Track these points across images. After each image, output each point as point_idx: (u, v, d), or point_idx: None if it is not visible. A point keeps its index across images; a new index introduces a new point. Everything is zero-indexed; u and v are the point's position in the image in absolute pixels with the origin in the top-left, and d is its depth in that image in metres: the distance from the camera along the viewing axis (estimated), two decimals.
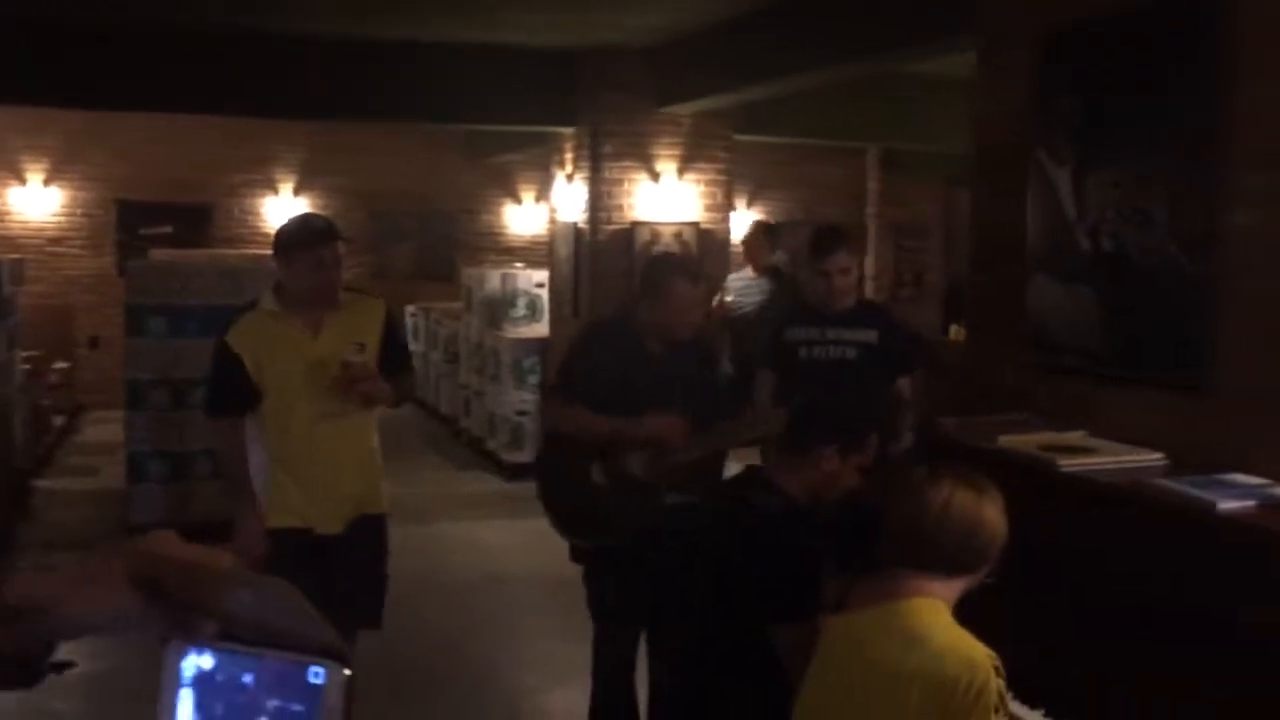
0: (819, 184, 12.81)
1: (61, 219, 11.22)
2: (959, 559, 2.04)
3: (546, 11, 6.56)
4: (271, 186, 11.74)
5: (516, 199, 12.53)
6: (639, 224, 7.69)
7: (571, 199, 8.15)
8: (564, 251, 8.31)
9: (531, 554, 4.06)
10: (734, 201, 10.84)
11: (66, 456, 8.97)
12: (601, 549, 3.54)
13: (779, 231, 7.59)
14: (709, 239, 7.92)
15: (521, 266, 10.08)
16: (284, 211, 11.26)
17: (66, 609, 0.90)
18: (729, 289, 6.98)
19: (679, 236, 7.75)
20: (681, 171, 7.81)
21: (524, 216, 12.51)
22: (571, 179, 8.16)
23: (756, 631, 2.52)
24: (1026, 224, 3.34)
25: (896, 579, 2.04)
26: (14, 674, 0.91)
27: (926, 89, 7.60)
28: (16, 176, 11.04)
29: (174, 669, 0.87)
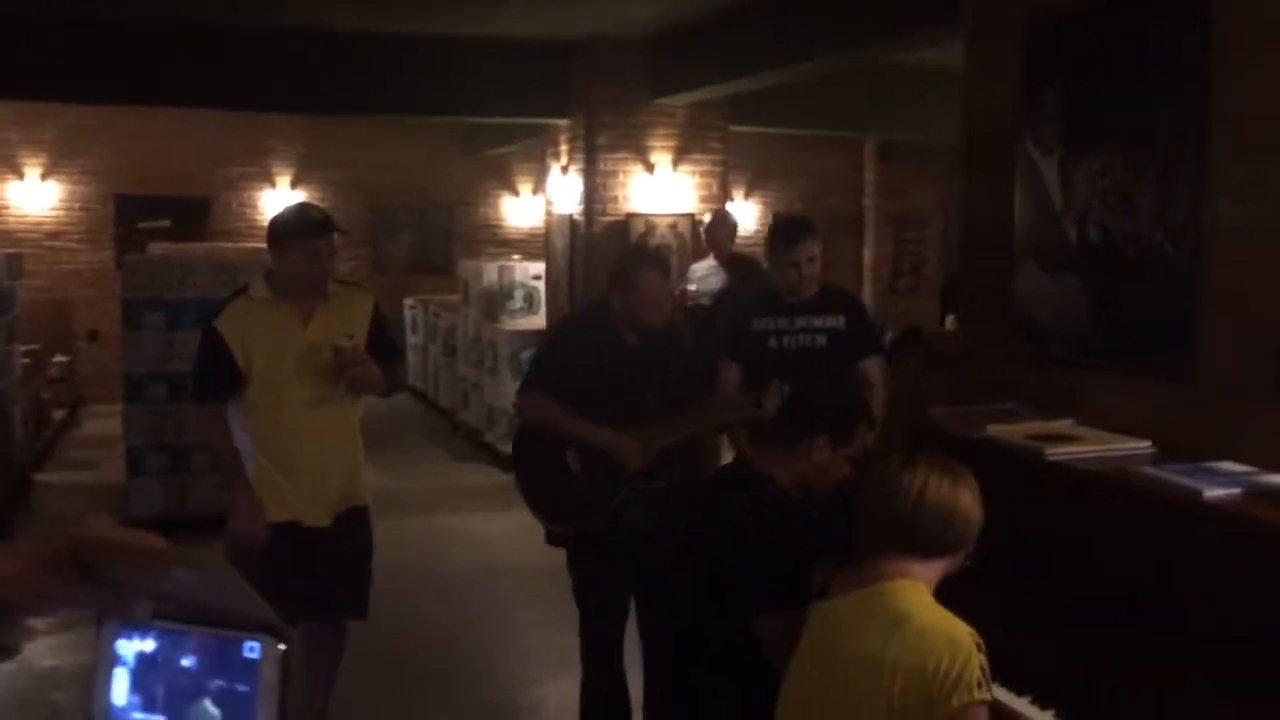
0: (817, 175, 12.80)
1: (60, 213, 11.23)
2: (937, 541, 2.08)
3: (541, 4, 6.56)
4: (269, 180, 11.75)
5: (513, 191, 12.53)
6: (634, 215, 7.69)
7: (567, 191, 8.16)
8: (560, 244, 8.32)
9: (529, 545, 4.07)
10: (731, 192, 10.84)
11: (66, 450, 8.99)
12: (579, 533, 3.60)
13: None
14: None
15: (518, 259, 10.08)
16: (282, 205, 11.26)
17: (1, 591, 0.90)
18: (691, 278, 6.93)
19: (674, 228, 7.75)
20: (676, 163, 7.81)
21: (521, 209, 12.51)
22: (566, 171, 8.16)
23: (744, 620, 2.54)
24: (1014, 214, 3.35)
25: (876, 564, 2.07)
26: None
27: (924, 79, 7.59)
28: (14, 171, 11.05)
29: (108, 649, 0.88)
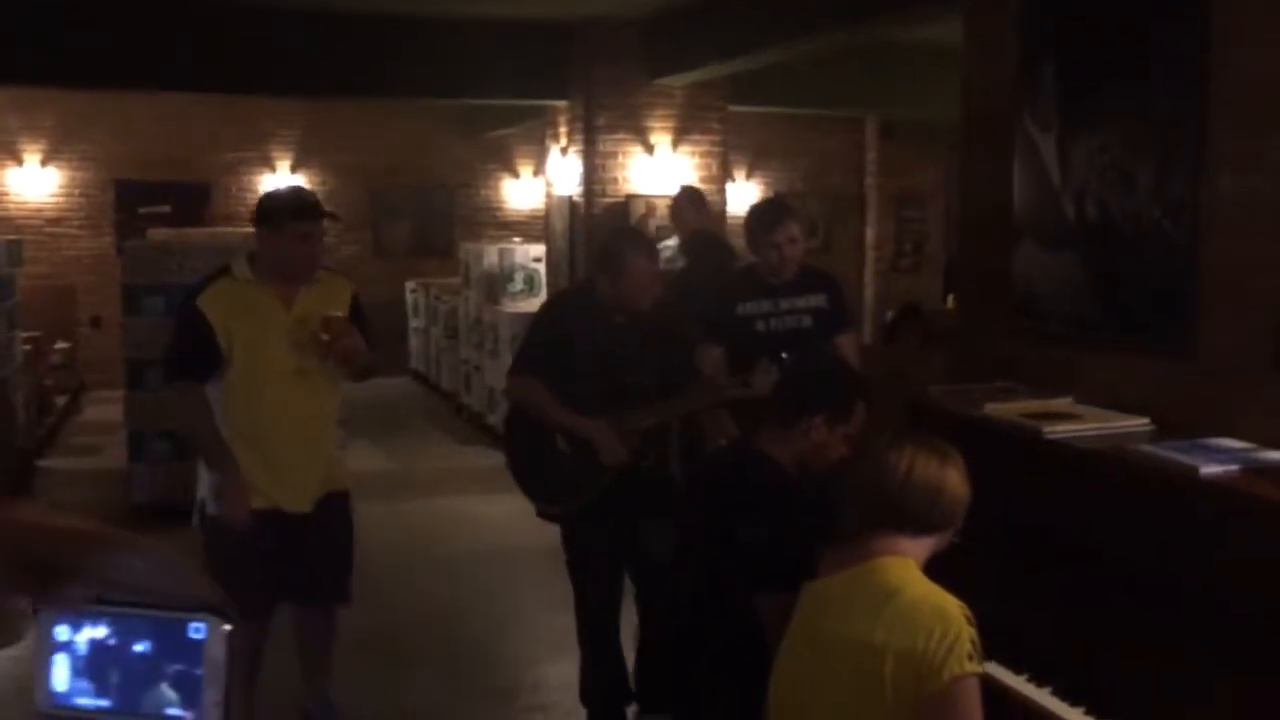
0: (818, 154, 12.74)
1: (60, 199, 11.22)
2: (925, 519, 2.08)
3: None
4: (269, 164, 11.71)
5: (514, 173, 12.50)
6: (634, 196, 7.67)
7: (567, 172, 8.13)
8: (560, 225, 8.30)
9: (531, 527, 4.07)
10: (732, 172, 10.80)
11: (69, 436, 9.00)
12: (568, 517, 3.62)
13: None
14: None
15: (519, 241, 10.06)
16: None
17: None
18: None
19: None
20: (676, 143, 7.78)
21: (521, 191, 12.47)
22: (566, 152, 8.14)
23: (744, 601, 2.55)
24: (1013, 191, 3.34)
25: (866, 542, 2.07)
26: None
27: (925, 56, 7.54)
28: (14, 157, 11.03)
29: (46, 637, 0.87)
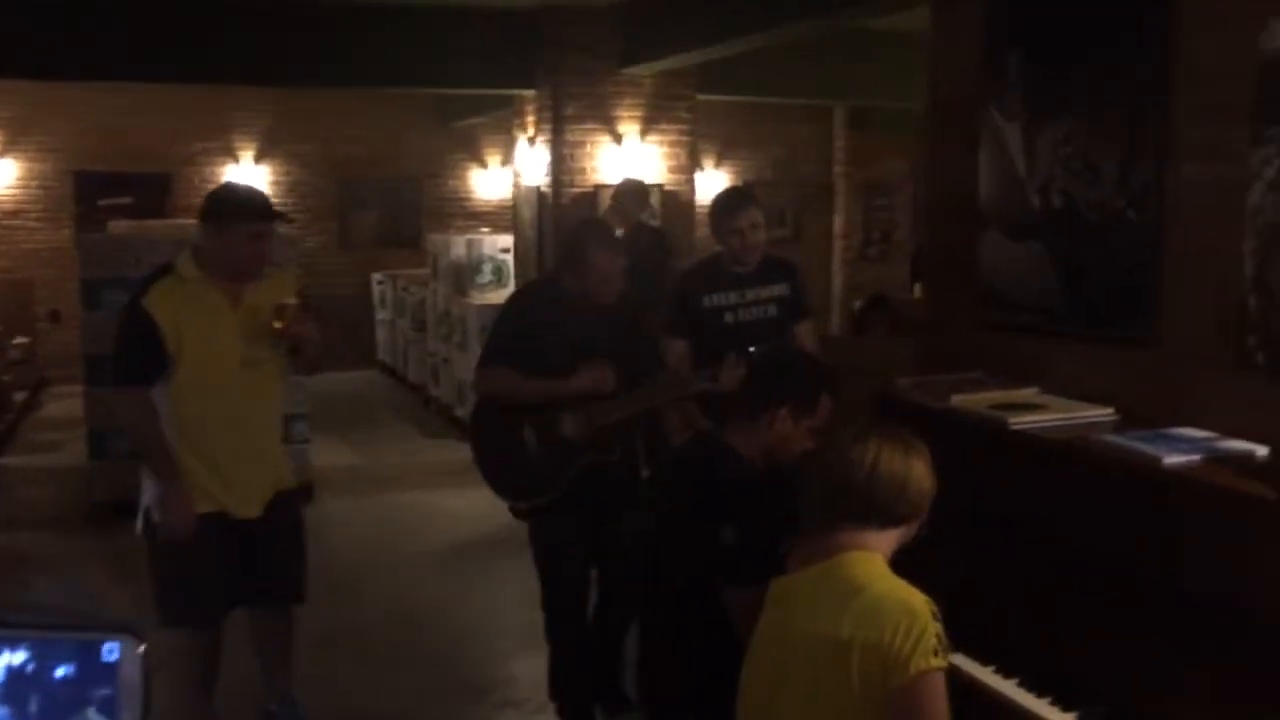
0: (787, 143, 12.73)
1: (17, 192, 11.02)
2: (892, 512, 2.07)
3: None
4: (232, 155, 11.56)
5: (482, 163, 12.41)
6: (602, 187, 7.61)
7: (534, 162, 8.07)
8: (528, 215, 8.24)
9: (501, 521, 4.05)
10: (700, 162, 10.77)
11: (28, 433, 8.85)
12: (537, 510, 3.60)
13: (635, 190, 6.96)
14: (673, 200, 7.87)
15: (487, 231, 9.98)
16: (246, 180, 11.11)
17: None
18: None
19: None
20: (644, 133, 7.74)
21: (489, 181, 12.38)
22: (534, 142, 8.07)
23: (713, 596, 2.53)
24: (979, 181, 3.32)
25: (832, 536, 2.06)
26: None
27: (893, 44, 7.53)
28: None
29: None
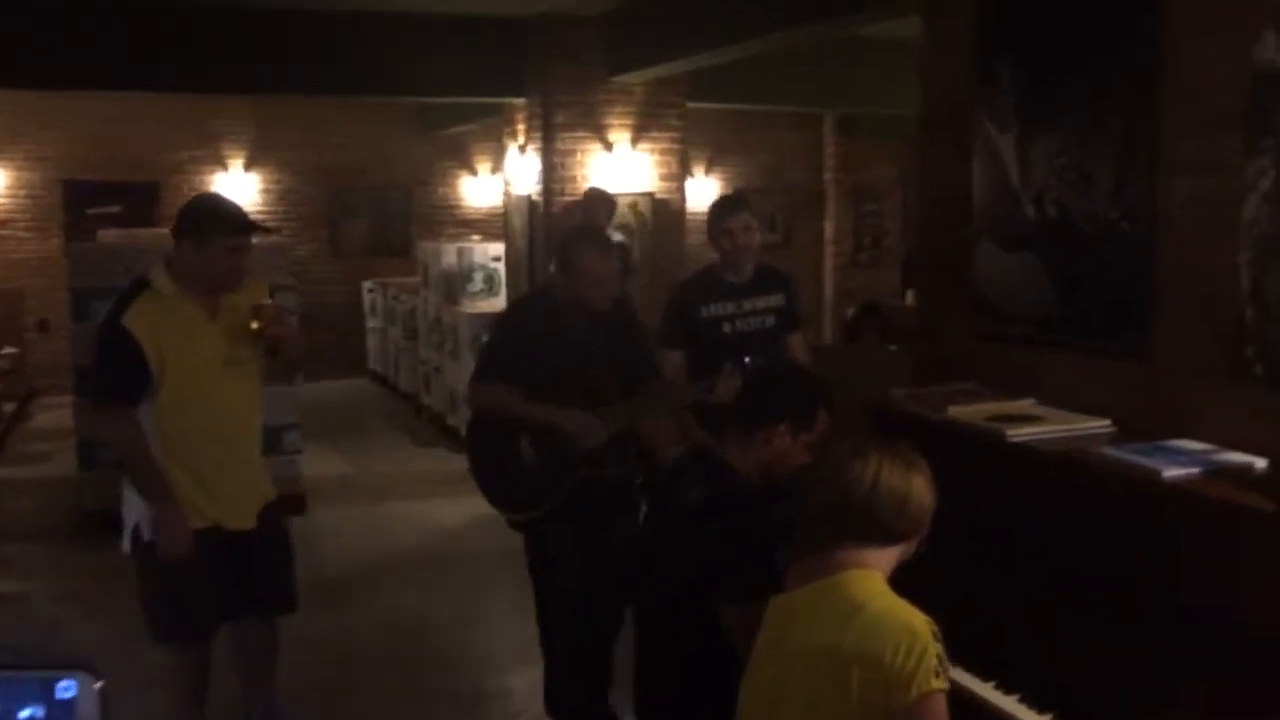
0: (777, 149, 12.74)
1: (6, 201, 10.96)
2: (893, 529, 2.04)
3: None
4: (221, 163, 11.51)
5: (472, 171, 12.38)
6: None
7: (525, 171, 8.06)
8: (519, 224, 8.22)
9: (493, 530, 4.04)
10: (691, 169, 10.76)
11: (18, 444, 8.80)
12: (533, 521, 3.58)
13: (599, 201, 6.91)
14: (664, 208, 7.87)
15: (478, 239, 9.96)
16: (235, 188, 11.07)
17: None
18: None
19: (634, 207, 7.67)
20: (635, 141, 7.73)
21: (480, 189, 12.35)
22: (524, 150, 8.06)
23: (710, 612, 2.51)
24: (972, 191, 3.32)
25: (832, 554, 2.03)
26: None
27: (883, 51, 7.55)
28: None
29: None
